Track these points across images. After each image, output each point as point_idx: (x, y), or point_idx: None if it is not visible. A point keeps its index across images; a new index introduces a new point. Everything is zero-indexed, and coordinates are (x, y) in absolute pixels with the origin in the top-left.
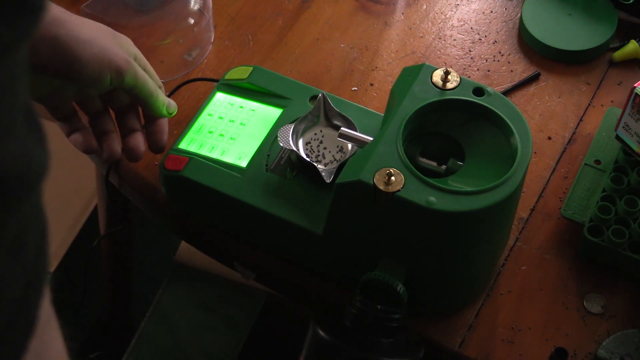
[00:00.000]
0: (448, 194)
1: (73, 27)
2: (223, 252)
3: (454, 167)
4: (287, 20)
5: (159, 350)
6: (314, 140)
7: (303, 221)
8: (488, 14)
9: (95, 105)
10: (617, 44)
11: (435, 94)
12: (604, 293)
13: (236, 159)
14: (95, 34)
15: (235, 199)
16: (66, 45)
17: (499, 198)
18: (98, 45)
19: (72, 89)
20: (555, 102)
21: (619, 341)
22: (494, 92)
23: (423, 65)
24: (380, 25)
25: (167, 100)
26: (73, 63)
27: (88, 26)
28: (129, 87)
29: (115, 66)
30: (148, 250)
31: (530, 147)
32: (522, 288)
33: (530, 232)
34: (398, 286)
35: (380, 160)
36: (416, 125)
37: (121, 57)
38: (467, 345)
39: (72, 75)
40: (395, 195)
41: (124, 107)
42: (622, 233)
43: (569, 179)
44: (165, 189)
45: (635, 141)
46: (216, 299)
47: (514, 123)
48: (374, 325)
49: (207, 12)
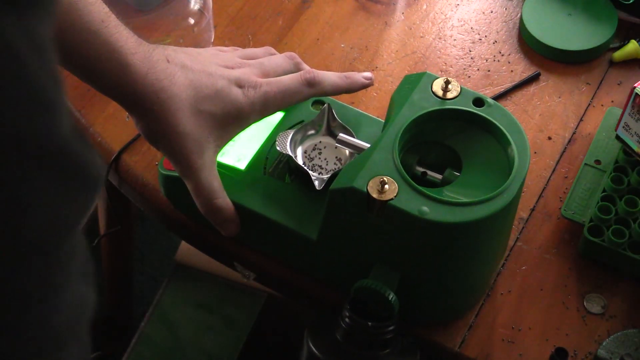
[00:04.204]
0: (442, 204)
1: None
2: (223, 252)
3: (450, 177)
4: (287, 20)
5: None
6: (314, 149)
7: (298, 226)
8: (488, 14)
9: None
10: (617, 44)
11: (434, 103)
12: (604, 293)
13: (235, 161)
14: (192, 124)
15: (232, 202)
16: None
17: (494, 210)
18: (196, 137)
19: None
20: (555, 102)
21: (619, 341)
22: (494, 103)
23: (424, 74)
24: (380, 25)
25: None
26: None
27: (185, 114)
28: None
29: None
30: (148, 250)
31: (527, 159)
32: (522, 288)
33: (530, 232)
34: (389, 295)
35: (375, 168)
36: (414, 133)
37: (230, 119)
38: (467, 345)
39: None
40: (387, 203)
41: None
42: (622, 233)
43: (569, 179)
44: (164, 189)
45: (635, 141)
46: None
47: (512, 134)
48: (365, 340)
49: (207, 12)
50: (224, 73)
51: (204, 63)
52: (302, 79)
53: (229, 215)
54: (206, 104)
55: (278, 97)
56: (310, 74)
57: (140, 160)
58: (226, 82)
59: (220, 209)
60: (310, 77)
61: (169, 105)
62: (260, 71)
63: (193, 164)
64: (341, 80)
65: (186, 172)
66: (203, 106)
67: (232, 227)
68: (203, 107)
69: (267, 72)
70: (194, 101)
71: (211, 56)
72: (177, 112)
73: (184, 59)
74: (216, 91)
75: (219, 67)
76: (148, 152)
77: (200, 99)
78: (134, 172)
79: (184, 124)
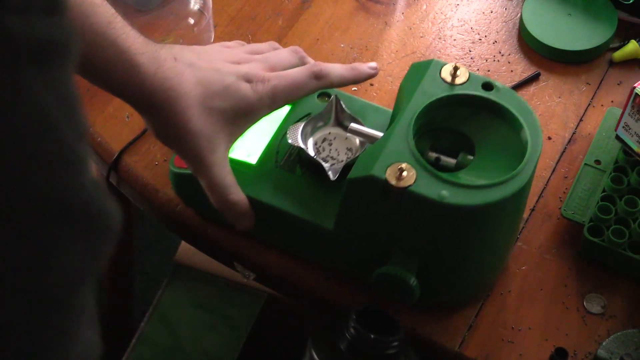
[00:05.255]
0: (460, 188)
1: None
2: (223, 252)
3: (464, 161)
4: (287, 20)
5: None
6: (324, 141)
7: (313, 216)
8: (488, 14)
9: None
10: (617, 44)
11: (444, 90)
12: (604, 293)
13: (246, 156)
14: (203, 122)
15: (246, 196)
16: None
17: (511, 191)
18: (207, 134)
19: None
20: (555, 102)
21: (619, 341)
22: (502, 87)
23: (432, 61)
24: (380, 25)
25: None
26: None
27: (196, 113)
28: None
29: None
30: (148, 250)
31: (540, 141)
32: (522, 288)
33: (530, 232)
34: (411, 280)
35: (391, 156)
36: (426, 120)
37: (240, 119)
38: (467, 345)
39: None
40: (407, 190)
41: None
42: (622, 233)
43: (569, 179)
44: (175, 186)
45: (635, 141)
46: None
47: (524, 117)
48: (369, 354)
49: (207, 12)
50: (231, 69)
51: (211, 60)
52: (309, 71)
53: (244, 210)
54: (216, 101)
55: (286, 90)
56: (317, 67)
57: (140, 160)
58: (234, 77)
59: (234, 204)
60: (317, 70)
61: (179, 104)
62: (267, 66)
63: (206, 160)
64: (347, 72)
65: (199, 169)
66: (213, 103)
67: (246, 221)
68: (213, 104)
69: (273, 66)
70: (204, 98)
71: (217, 53)
72: (187, 110)
73: (191, 57)
74: (225, 87)
75: (225, 63)
76: (148, 152)
77: (210, 96)
78: (134, 172)
79: (194, 122)
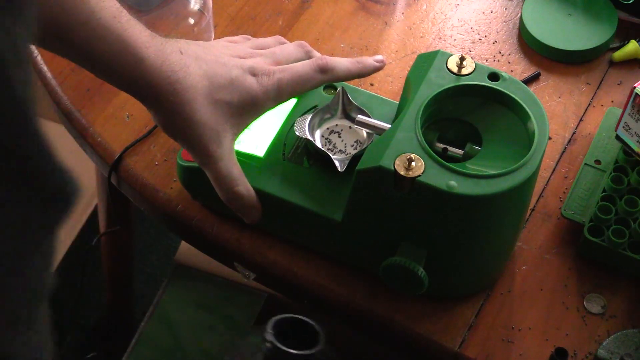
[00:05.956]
0: (468, 177)
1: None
2: (223, 252)
3: (471, 151)
4: (287, 20)
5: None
6: (332, 133)
7: (322, 208)
8: (488, 14)
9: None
10: (617, 44)
11: (451, 80)
12: (604, 293)
13: (253, 149)
14: (209, 114)
15: (253, 189)
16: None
17: (519, 181)
18: (213, 126)
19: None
20: (555, 102)
21: (619, 341)
22: (509, 77)
23: (438, 52)
24: (380, 25)
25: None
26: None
27: (200, 103)
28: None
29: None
30: (148, 250)
31: (546, 130)
32: (522, 288)
33: (530, 232)
34: (419, 270)
35: (400, 146)
36: (433, 111)
37: (245, 109)
38: (467, 345)
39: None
40: (416, 180)
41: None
42: (622, 233)
43: (569, 179)
44: (182, 180)
45: (635, 141)
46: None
47: (530, 107)
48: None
49: (207, 12)
50: (237, 62)
51: (217, 54)
52: (315, 65)
53: (251, 202)
54: (221, 93)
55: (291, 84)
56: (322, 61)
57: (140, 160)
58: (240, 71)
59: (241, 196)
60: (322, 64)
61: (185, 96)
62: (273, 60)
63: (212, 152)
64: (353, 66)
65: (205, 162)
66: (218, 95)
67: (254, 213)
68: (219, 97)
69: (279, 60)
70: (210, 91)
71: (223, 47)
72: (193, 102)
73: (197, 50)
74: (231, 80)
75: (231, 57)
76: (148, 152)
77: (216, 89)
78: (134, 172)
79: (200, 114)
